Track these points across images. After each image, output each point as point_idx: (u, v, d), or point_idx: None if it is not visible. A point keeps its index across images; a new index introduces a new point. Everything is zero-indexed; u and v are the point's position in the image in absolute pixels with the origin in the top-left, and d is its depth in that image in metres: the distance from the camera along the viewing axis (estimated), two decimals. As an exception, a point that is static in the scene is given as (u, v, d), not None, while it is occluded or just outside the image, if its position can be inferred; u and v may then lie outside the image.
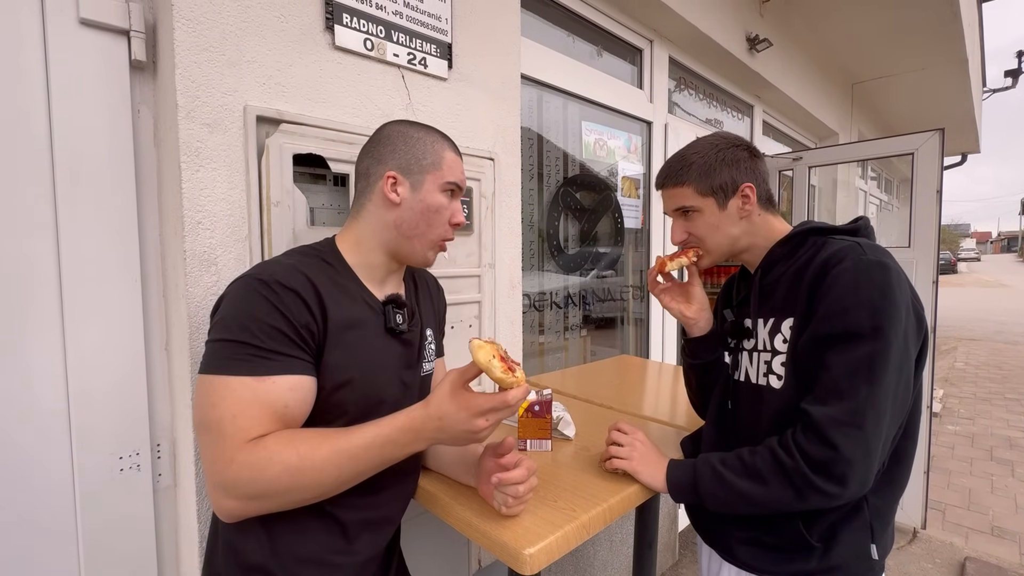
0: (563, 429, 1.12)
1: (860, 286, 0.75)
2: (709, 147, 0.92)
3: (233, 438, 0.64)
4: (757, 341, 0.92)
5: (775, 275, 0.91)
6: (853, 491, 0.75)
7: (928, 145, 2.39)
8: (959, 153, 7.58)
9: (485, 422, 0.67)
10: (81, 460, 0.96)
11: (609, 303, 2.44)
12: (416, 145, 0.82)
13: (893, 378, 0.74)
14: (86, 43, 0.94)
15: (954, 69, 4.19)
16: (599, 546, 1.87)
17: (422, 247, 0.83)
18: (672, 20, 2.29)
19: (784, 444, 0.78)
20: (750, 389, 0.92)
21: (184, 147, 0.92)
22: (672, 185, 0.95)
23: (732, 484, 0.82)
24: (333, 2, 1.09)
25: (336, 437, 0.67)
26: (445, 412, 0.66)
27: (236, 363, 0.66)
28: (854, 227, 0.89)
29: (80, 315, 0.95)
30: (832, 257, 0.80)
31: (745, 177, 0.91)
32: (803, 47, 3.52)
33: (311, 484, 0.66)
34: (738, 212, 0.92)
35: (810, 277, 0.81)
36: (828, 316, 0.77)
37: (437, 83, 1.32)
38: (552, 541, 0.73)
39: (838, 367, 0.75)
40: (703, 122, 2.93)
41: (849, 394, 0.73)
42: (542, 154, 2.02)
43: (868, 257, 0.77)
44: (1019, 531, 2.55)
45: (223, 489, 0.65)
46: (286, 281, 0.70)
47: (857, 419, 0.73)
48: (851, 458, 0.72)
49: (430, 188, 0.81)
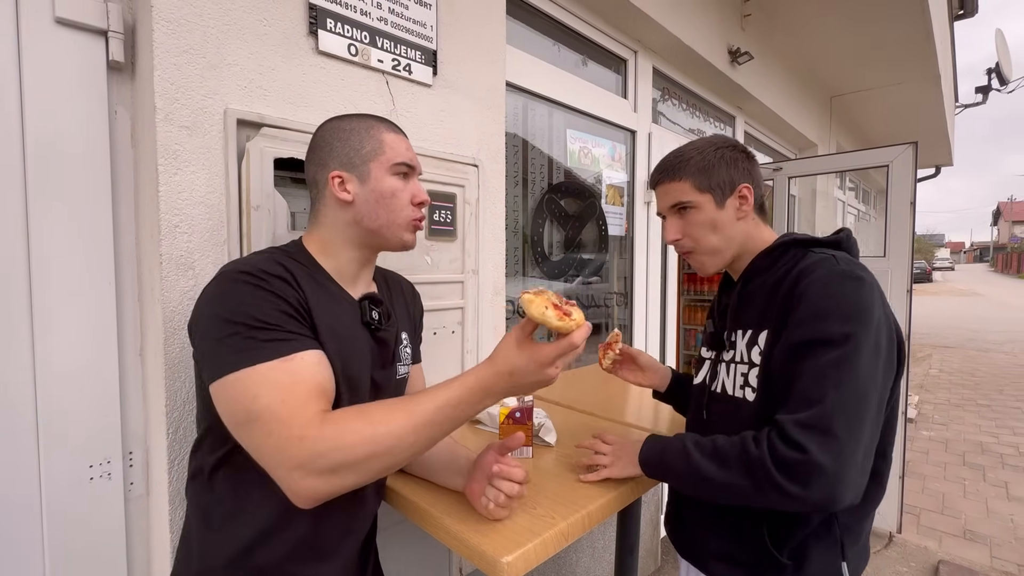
0: (544, 436, 1.12)
1: (831, 294, 0.75)
2: (708, 145, 0.91)
3: (293, 418, 0.61)
4: (735, 353, 0.90)
5: (755, 286, 0.89)
6: (818, 498, 0.69)
7: (902, 158, 2.46)
8: (933, 166, 7.80)
9: (555, 369, 0.67)
10: (49, 468, 0.93)
11: (593, 309, 2.45)
12: (351, 137, 0.80)
13: (865, 384, 0.71)
14: (62, 42, 0.92)
15: (927, 84, 4.33)
16: (582, 552, 1.87)
17: (393, 233, 0.82)
18: (656, 32, 2.32)
19: (756, 437, 0.76)
20: (727, 401, 0.90)
21: (162, 149, 0.90)
22: (668, 180, 0.92)
23: (694, 462, 0.80)
24: (317, 7, 1.09)
25: (408, 403, 0.66)
26: (515, 366, 0.66)
27: (257, 351, 0.64)
28: (835, 239, 0.88)
29: (50, 319, 0.92)
30: (806, 269, 0.80)
31: (743, 178, 0.90)
32: (783, 60, 3.60)
33: (389, 450, 0.63)
34: (735, 213, 0.90)
35: (786, 288, 0.81)
36: (799, 324, 0.76)
37: (422, 89, 1.32)
38: (530, 548, 0.73)
39: (808, 374, 0.73)
40: (686, 131, 2.98)
41: (817, 400, 0.71)
42: (527, 161, 2.03)
43: (840, 268, 0.77)
44: (990, 534, 2.61)
45: (301, 468, 0.61)
46: (269, 269, 0.70)
47: (825, 423, 0.69)
48: (821, 462, 0.68)
49: (378, 175, 0.80)
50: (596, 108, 2.24)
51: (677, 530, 1.02)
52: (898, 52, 3.69)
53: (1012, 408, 4.83)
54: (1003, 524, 2.71)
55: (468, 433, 1.22)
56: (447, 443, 0.97)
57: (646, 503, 2.18)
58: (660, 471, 0.87)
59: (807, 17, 3.20)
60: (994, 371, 6.48)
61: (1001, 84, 6.86)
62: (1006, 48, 6.72)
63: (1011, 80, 6.90)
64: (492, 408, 1.21)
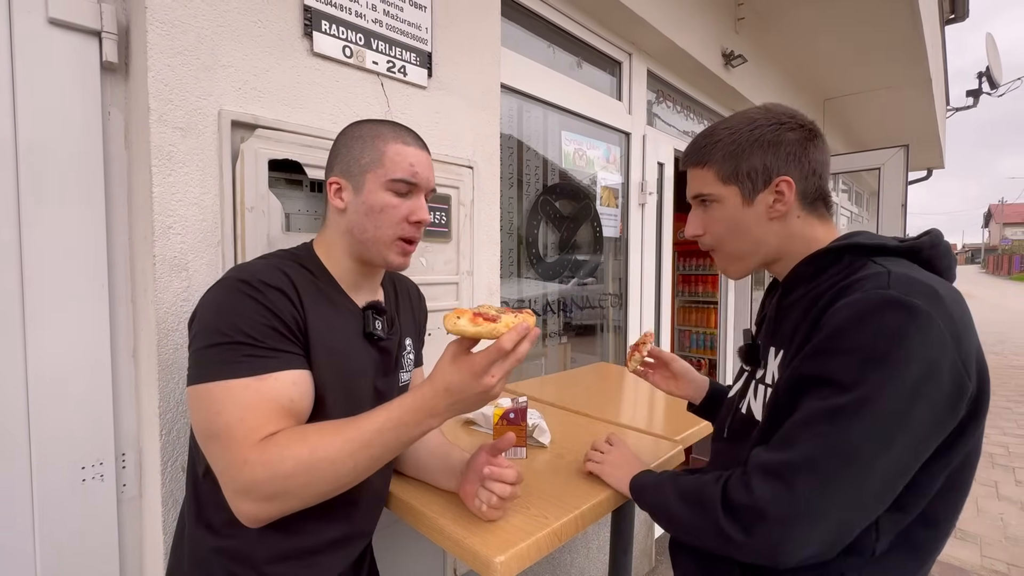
0: (538, 436, 1.13)
1: (861, 325, 0.58)
2: (746, 122, 0.72)
3: (244, 439, 0.62)
4: (766, 373, 0.76)
5: (794, 298, 0.73)
6: (760, 547, 0.61)
7: (893, 160, 2.48)
8: (925, 168, 7.88)
9: (492, 378, 0.64)
10: (41, 470, 0.93)
11: (588, 311, 2.46)
12: (355, 145, 0.80)
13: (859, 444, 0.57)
14: (55, 43, 0.92)
15: (919, 88, 4.37)
16: (576, 553, 1.87)
17: (377, 249, 0.80)
18: (650, 35, 2.34)
19: (720, 476, 0.68)
20: (752, 425, 0.76)
21: (156, 150, 0.90)
22: (693, 165, 0.77)
23: (665, 499, 0.74)
24: (312, 9, 1.09)
25: (347, 426, 0.66)
26: (450, 381, 0.65)
27: (234, 366, 0.64)
28: (915, 245, 0.68)
29: (43, 320, 0.92)
30: (850, 285, 0.63)
31: (784, 167, 0.70)
32: (777, 63, 3.63)
33: (328, 476, 0.64)
34: (767, 211, 0.72)
35: (819, 307, 0.65)
36: (812, 355, 0.62)
37: (416, 91, 1.32)
38: (523, 548, 0.74)
39: (798, 414, 0.62)
40: (681, 133, 2.99)
41: (791, 444, 0.61)
42: (522, 162, 2.04)
43: (888, 292, 0.59)
44: (980, 534, 2.64)
45: (242, 493, 0.63)
46: (269, 279, 0.70)
47: (786, 473, 0.60)
48: (764, 510, 0.60)
49: (371, 188, 0.78)
50: (591, 110, 2.24)
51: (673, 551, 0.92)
52: (889, 56, 3.73)
53: (1002, 408, 4.88)
54: (993, 523, 2.74)
55: (462, 433, 1.23)
56: (441, 444, 0.97)
57: (640, 503, 2.18)
58: (642, 500, 0.82)
59: (800, 20, 3.23)
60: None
61: (992, 88, 6.93)
62: (996, 52, 6.80)
63: (1001, 84, 6.98)
64: (487, 409, 1.21)
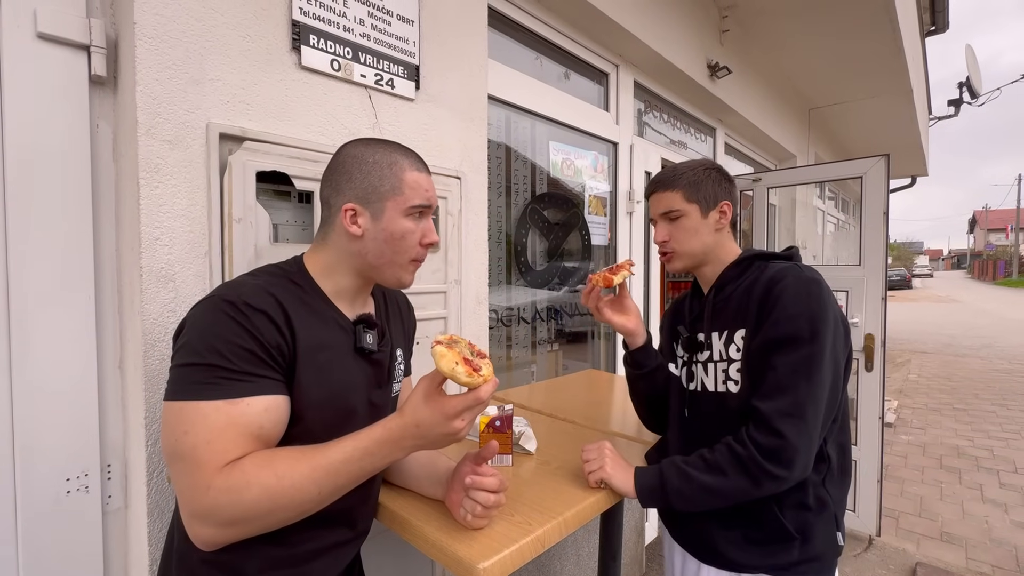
0: (524, 444, 1.14)
1: (800, 298, 0.89)
2: (698, 166, 1.07)
3: (208, 464, 0.62)
4: (712, 352, 1.02)
5: (726, 293, 1.03)
6: (797, 474, 0.86)
7: (875, 169, 2.54)
8: (909, 175, 8.02)
9: (461, 422, 0.67)
10: (25, 481, 0.93)
11: (578, 318, 2.48)
12: (372, 171, 0.78)
13: (827, 375, 0.87)
14: (44, 57, 0.93)
15: (900, 98, 4.47)
16: (566, 559, 1.88)
17: (393, 272, 0.81)
18: (636, 47, 2.38)
19: (739, 438, 0.88)
20: (710, 397, 1.02)
21: (143, 163, 0.91)
22: (663, 190, 1.06)
23: (695, 479, 0.89)
24: (300, 24, 1.11)
25: (313, 454, 0.66)
26: (421, 419, 0.67)
27: (207, 387, 0.64)
28: (789, 254, 1.04)
29: (29, 331, 0.92)
30: (776, 276, 0.94)
31: (725, 196, 1.06)
32: (761, 74, 3.70)
33: (291, 504, 0.65)
34: (715, 224, 1.05)
35: (758, 293, 0.95)
36: (775, 323, 0.90)
37: (404, 103, 1.34)
38: (507, 555, 0.75)
39: (783, 367, 0.87)
40: (668, 143, 3.04)
41: (791, 389, 0.86)
42: (510, 171, 2.06)
43: (806, 274, 0.93)
44: (966, 536, 2.68)
45: (200, 518, 0.63)
46: (255, 302, 0.69)
47: (799, 410, 0.85)
48: (796, 444, 0.84)
49: (392, 215, 0.78)
50: (578, 120, 2.28)
51: (677, 521, 1.09)
52: (871, 67, 3.81)
53: (987, 412, 4.95)
54: (978, 526, 2.78)
55: (450, 442, 1.23)
56: (427, 453, 0.98)
57: (629, 509, 2.20)
58: (663, 497, 0.92)
59: (783, 33, 3.30)
60: (970, 376, 6.64)
61: (972, 97, 7.09)
62: (976, 63, 6.96)
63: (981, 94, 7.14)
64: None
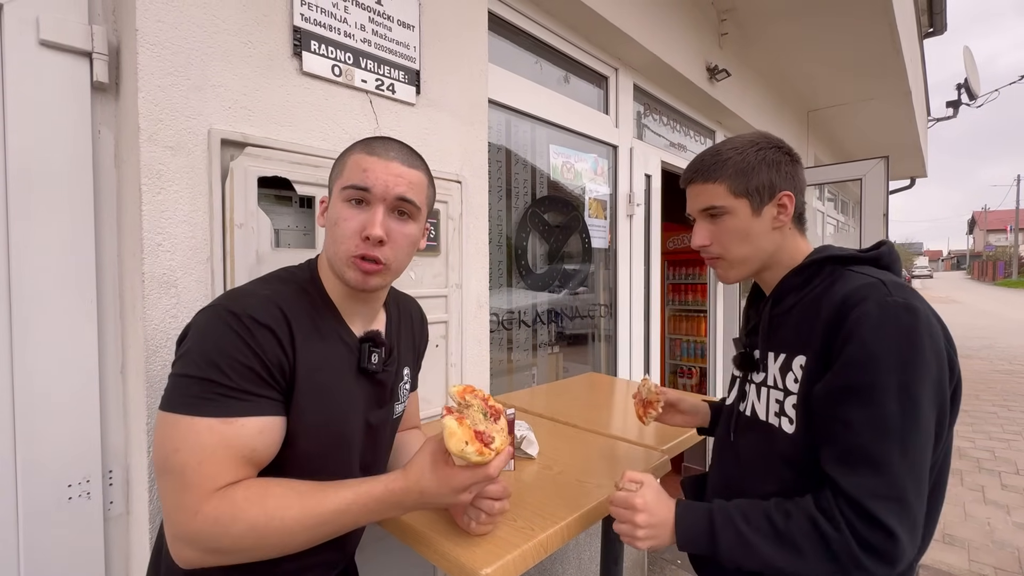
0: (526, 448, 1.14)
1: (885, 334, 0.67)
2: (748, 144, 0.83)
3: (199, 488, 0.61)
4: (767, 376, 0.84)
5: (786, 306, 0.83)
6: (901, 569, 0.69)
7: (875, 171, 2.54)
8: (908, 177, 8.03)
9: (468, 495, 0.68)
10: (27, 487, 0.92)
11: (578, 320, 2.48)
12: (336, 162, 0.79)
13: (925, 436, 0.67)
14: (46, 64, 0.93)
15: (899, 100, 4.48)
16: (567, 564, 1.87)
17: (339, 269, 0.75)
18: (636, 50, 2.39)
19: (827, 514, 0.68)
20: (759, 425, 0.84)
21: (145, 169, 0.92)
22: (702, 181, 0.84)
23: (758, 548, 0.71)
24: (301, 30, 1.12)
25: (309, 498, 0.65)
26: (426, 487, 0.67)
27: (202, 403, 0.62)
28: (876, 254, 0.80)
29: (31, 336, 0.92)
30: (852, 296, 0.71)
31: (785, 183, 0.82)
32: (760, 77, 3.71)
33: (277, 544, 0.64)
34: (772, 222, 0.82)
35: (827, 315, 0.73)
36: (849, 365, 0.68)
37: (405, 108, 1.35)
38: (509, 560, 0.75)
39: (863, 428, 0.67)
40: (668, 145, 3.04)
41: (883, 463, 0.66)
42: (511, 174, 2.07)
43: (894, 298, 0.68)
44: (967, 538, 2.67)
45: (185, 541, 0.62)
46: (260, 316, 0.67)
47: (898, 492, 0.65)
48: (902, 538, 0.65)
49: (334, 200, 0.76)
50: (578, 124, 2.28)
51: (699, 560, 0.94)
52: (870, 69, 3.83)
53: (988, 413, 4.94)
54: (980, 527, 2.77)
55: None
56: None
57: (632, 513, 2.19)
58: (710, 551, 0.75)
59: (782, 36, 3.31)
60: (972, 377, 6.63)
61: (970, 99, 7.11)
62: (974, 64, 6.98)
63: (979, 95, 7.16)
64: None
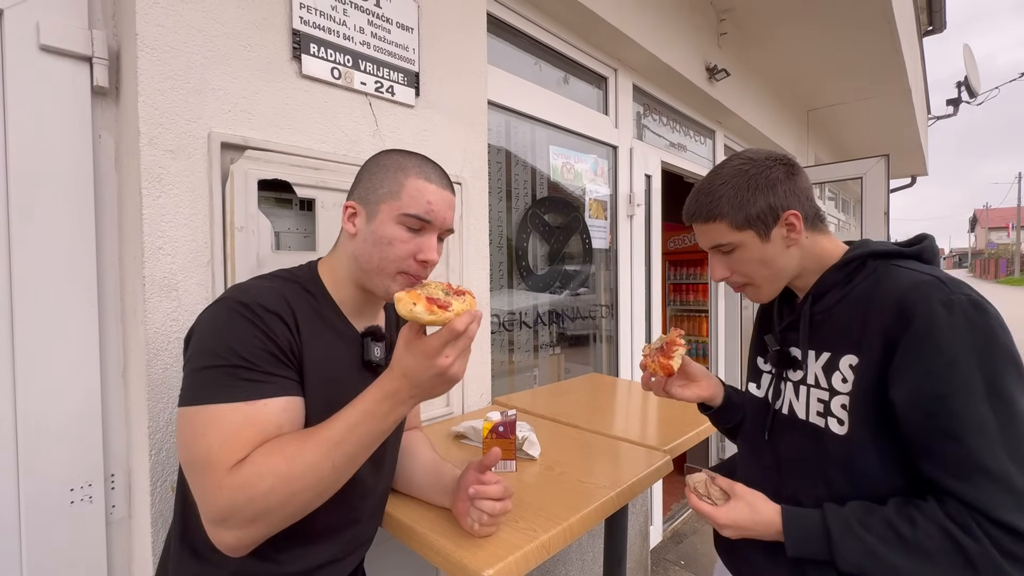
0: (528, 449, 1.14)
1: (962, 334, 0.66)
2: (737, 173, 0.81)
3: (221, 463, 0.61)
4: (807, 375, 0.83)
5: (827, 303, 0.82)
6: None
7: (875, 170, 2.54)
8: (908, 175, 8.02)
9: (447, 359, 0.63)
10: (29, 492, 0.93)
11: (580, 321, 2.48)
12: (377, 173, 0.80)
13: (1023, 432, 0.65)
14: (46, 68, 0.93)
15: (899, 98, 4.48)
16: (571, 565, 1.87)
17: (381, 281, 0.78)
18: (635, 51, 2.39)
19: (961, 524, 0.66)
20: (801, 426, 0.83)
21: (146, 173, 0.92)
22: (702, 221, 0.84)
23: (884, 557, 0.68)
24: (300, 33, 1.12)
25: (317, 430, 0.65)
26: (406, 366, 0.64)
27: (226, 389, 0.64)
28: (919, 249, 0.79)
29: (32, 340, 0.92)
30: (911, 294, 0.70)
31: (786, 202, 0.80)
32: (760, 76, 3.71)
33: (308, 486, 0.63)
34: (784, 242, 0.81)
35: (885, 316, 0.71)
36: (931, 372, 0.67)
37: (404, 110, 1.35)
38: (511, 562, 0.74)
39: (965, 437, 0.65)
40: (668, 145, 3.04)
41: (995, 469, 0.64)
42: (510, 177, 2.07)
43: (958, 296, 0.67)
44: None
45: (219, 522, 0.62)
46: (268, 304, 0.69)
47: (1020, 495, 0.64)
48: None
49: (384, 219, 0.77)
50: (578, 125, 2.28)
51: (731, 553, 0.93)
52: (869, 68, 3.82)
53: (992, 411, 4.92)
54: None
55: (453, 448, 1.23)
56: (432, 460, 0.98)
57: (634, 514, 2.19)
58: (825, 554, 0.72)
59: (781, 35, 3.31)
60: (974, 375, 6.59)
61: (971, 96, 7.10)
62: (973, 62, 6.98)
63: (980, 93, 7.15)
64: (476, 422, 1.22)
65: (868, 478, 0.74)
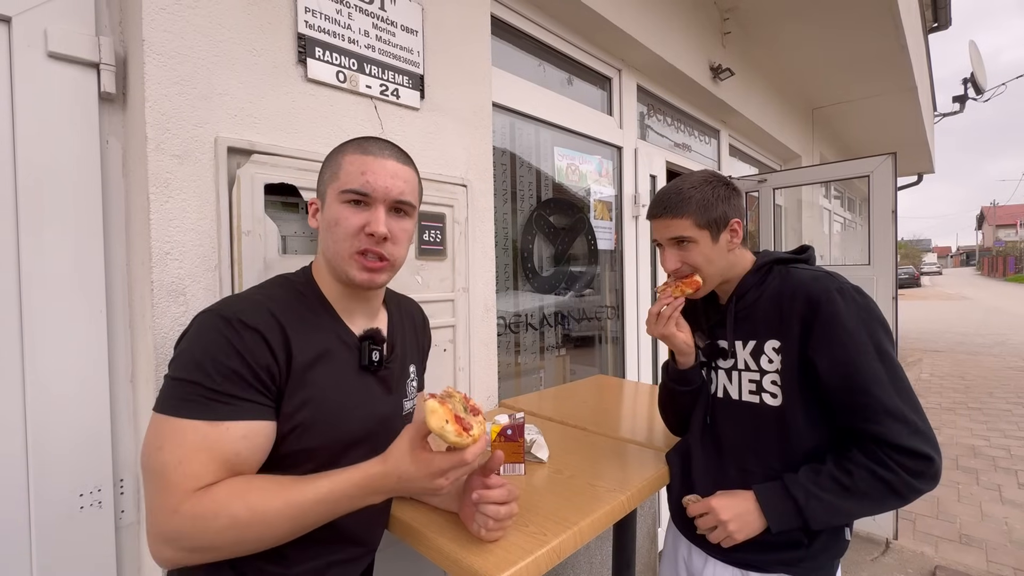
0: (536, 452, 1.13)
1: (852, 312, 0.88)
2: (703, 182, 0.99)
3: (178, 487, 0.61)
4: (736, 361, 1.01)
5: (748, 301, 1.01)
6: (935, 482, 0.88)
7: (882, 168, 2.52)
8: (915, 173, 7.97)
9: (445, 481, 0.66)
10: (39, 497, 0.93)
11: (585, 323, 2.47)
12: (326, 163, 0.80)
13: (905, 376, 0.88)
14: (54, 75, 0.94)
15: (905, 95, 4.45)
16: (579, 568, 1.86)
17: (341, 267, 0.77)
18: (638, 51, 2.39)
19: (879, 461, 0.86)
20: (735, 405, 1.02)
21: (153, 178, 0.92)
22: (670, 216, 0.99)
23: (839, 507, 0.88)
24: (305, 37, 1.12)
25: (289, 489, 0.65)
26: (404, 472, 0.66)
27: (188, 405, 0.63)
28: (806, 256, 1.04)
29: (41, 346, 0.93)
30: (813, 286, 0.92)
31: (734, 213, 0.99)
32: (764, 75, 3.70)
33: (259, 537, 0.64)
34: (727, 245, 1.00)
35: (797, 305, 0.92)
36: (839, 345, 0.87)
37: (409, 113, 1.35)
38: (522, 567, 0.74)
39: (870, 389, 0.86)
40: (672, 146, 3.03)
41: (895, 409, 0.85)
42: (515, 178, 2.07)
43: (845, 285, 0.91)
44: (985, 538, 2.63)
45: (164, 540, 0.62)
46: (249, 320, 0.68)
47: (916, 426, 0.85)
48: (935, 457, 0.85)
49: (330, 202, 0.77)
50: (582, 126, 2.28)
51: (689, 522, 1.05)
52: (874, 65, 3.80)
53: (1003, 411, 4.88)
54: (997, 527, 2.73)
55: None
56: None
57: (642, 516, 2.18)
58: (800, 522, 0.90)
59: (785, 34, 3.30)
60: (984, 374, 6.55)
61: (977, 93, 7.06)
62: (980, 59, 6.93)
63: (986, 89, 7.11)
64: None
65: (800, 437, 0.94)
